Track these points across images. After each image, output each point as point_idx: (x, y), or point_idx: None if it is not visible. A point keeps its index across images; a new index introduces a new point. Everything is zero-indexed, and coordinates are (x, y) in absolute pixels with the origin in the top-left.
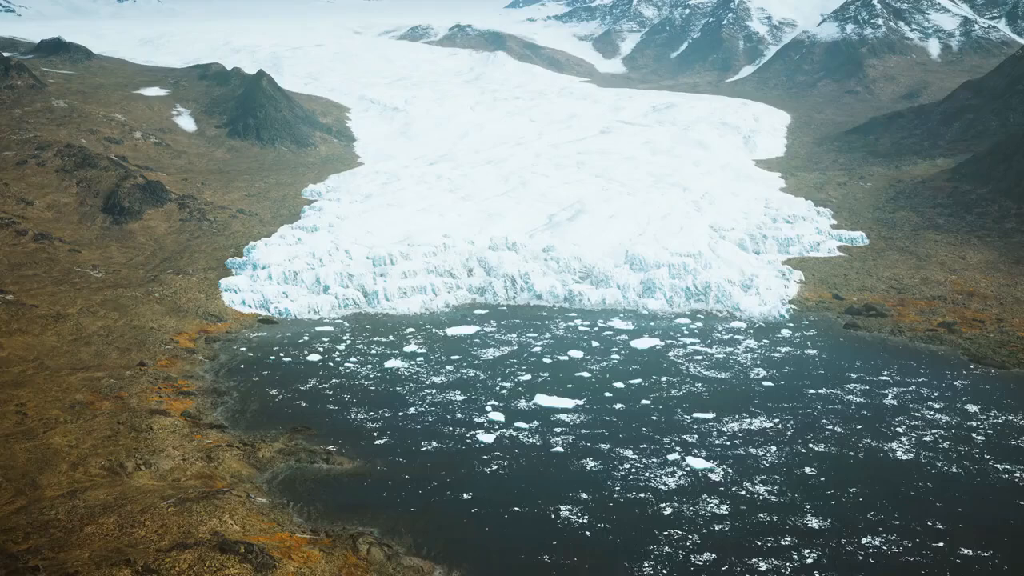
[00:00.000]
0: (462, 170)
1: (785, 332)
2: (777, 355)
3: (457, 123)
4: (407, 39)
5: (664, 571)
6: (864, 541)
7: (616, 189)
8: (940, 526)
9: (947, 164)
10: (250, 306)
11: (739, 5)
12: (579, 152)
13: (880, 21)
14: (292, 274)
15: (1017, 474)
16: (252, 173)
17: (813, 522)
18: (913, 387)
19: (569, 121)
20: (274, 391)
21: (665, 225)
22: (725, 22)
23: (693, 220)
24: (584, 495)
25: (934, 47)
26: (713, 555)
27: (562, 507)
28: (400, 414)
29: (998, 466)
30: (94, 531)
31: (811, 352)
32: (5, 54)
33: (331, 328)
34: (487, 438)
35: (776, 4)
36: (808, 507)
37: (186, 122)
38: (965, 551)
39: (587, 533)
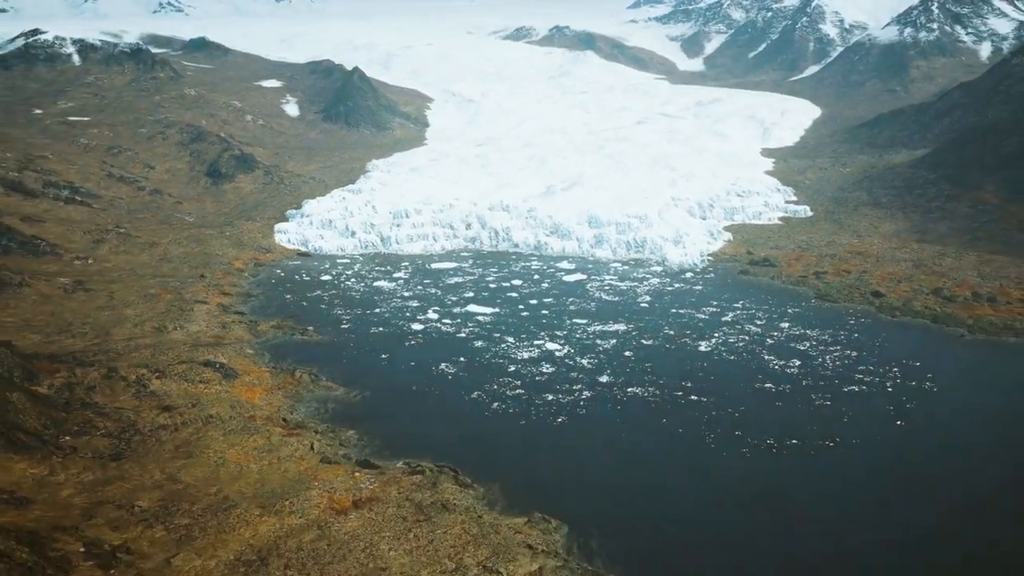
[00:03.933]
0: (501, 152)
1: (689, 275)
2: (669, 289)
3: (519, 114)
4: (511, 39)
5: (484, 397)
6: (629, 390)
7: (615, 168)
8: (689, 384)
9: (923, 155)
10: (293, 243)
11: (815, 8)
12: (606, 139)
13: (935, 25)
14: (328, 221)
15: (774, 361)
16: (332, 150)
17: (604, 378)
18: (752, 311)
19: (617, 113)
20: (288, 296)
21: (634, 195)
22: (799, 24)
23: (662, 192)
24: (462, 359)
25: (985, 50)
26: (522, 392)
27: (443, 364)
28: (368, 312)
29: (767, 357)
30: (135, 355)
31: (697, 288)
32: (160, 50)
33: (348, 260)
34: (418, 327)
35: (850, 7)
36: (608, 371)
37: (291, 109)
38: (694, 397)
39: (449, 377)
